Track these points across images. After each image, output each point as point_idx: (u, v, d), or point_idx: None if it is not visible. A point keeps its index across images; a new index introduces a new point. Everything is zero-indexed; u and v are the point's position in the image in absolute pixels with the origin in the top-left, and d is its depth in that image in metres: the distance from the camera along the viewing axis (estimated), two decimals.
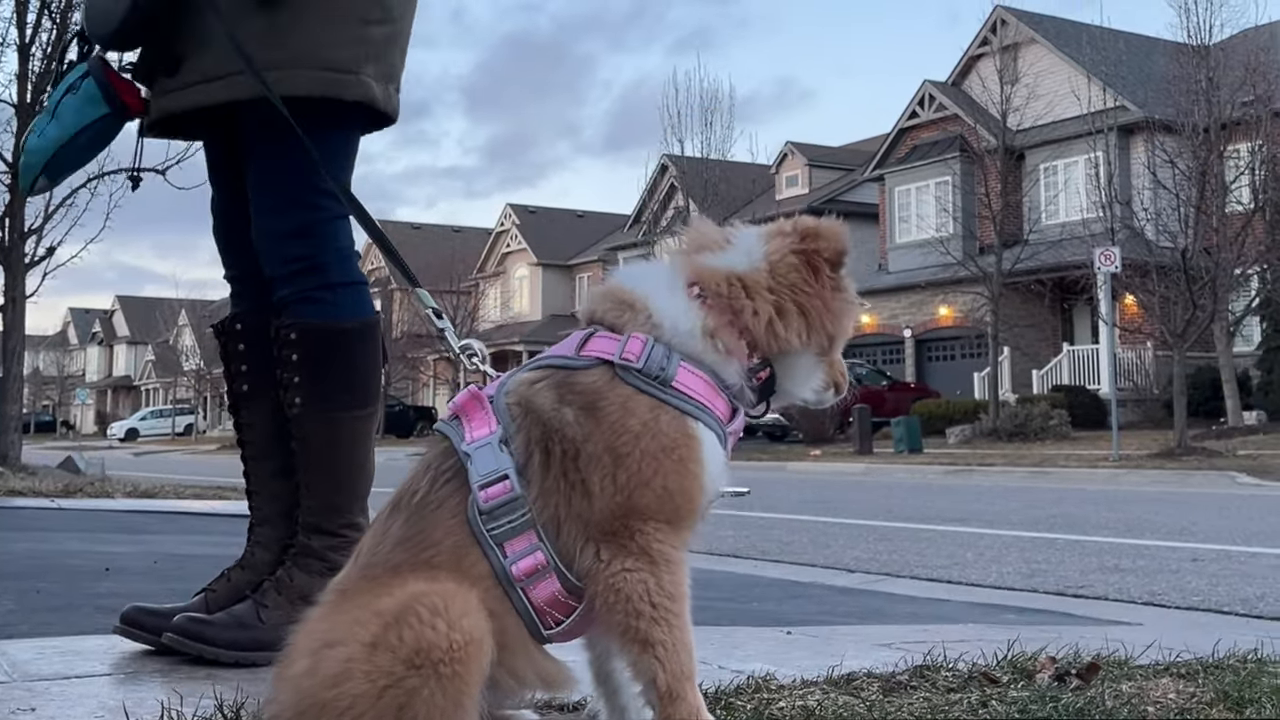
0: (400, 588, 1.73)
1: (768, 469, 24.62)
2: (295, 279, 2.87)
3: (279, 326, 2.88)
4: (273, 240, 2.86)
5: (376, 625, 1.68)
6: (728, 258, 1.96)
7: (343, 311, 2.89)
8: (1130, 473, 19.52)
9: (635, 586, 1.77)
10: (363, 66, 2.82)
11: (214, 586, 2.93)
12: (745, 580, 5.99)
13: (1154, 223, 27.71)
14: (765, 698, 2.32)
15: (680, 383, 1.84)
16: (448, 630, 1.67)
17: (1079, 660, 2.69)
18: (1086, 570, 6.78)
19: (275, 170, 2.80)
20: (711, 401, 1.86)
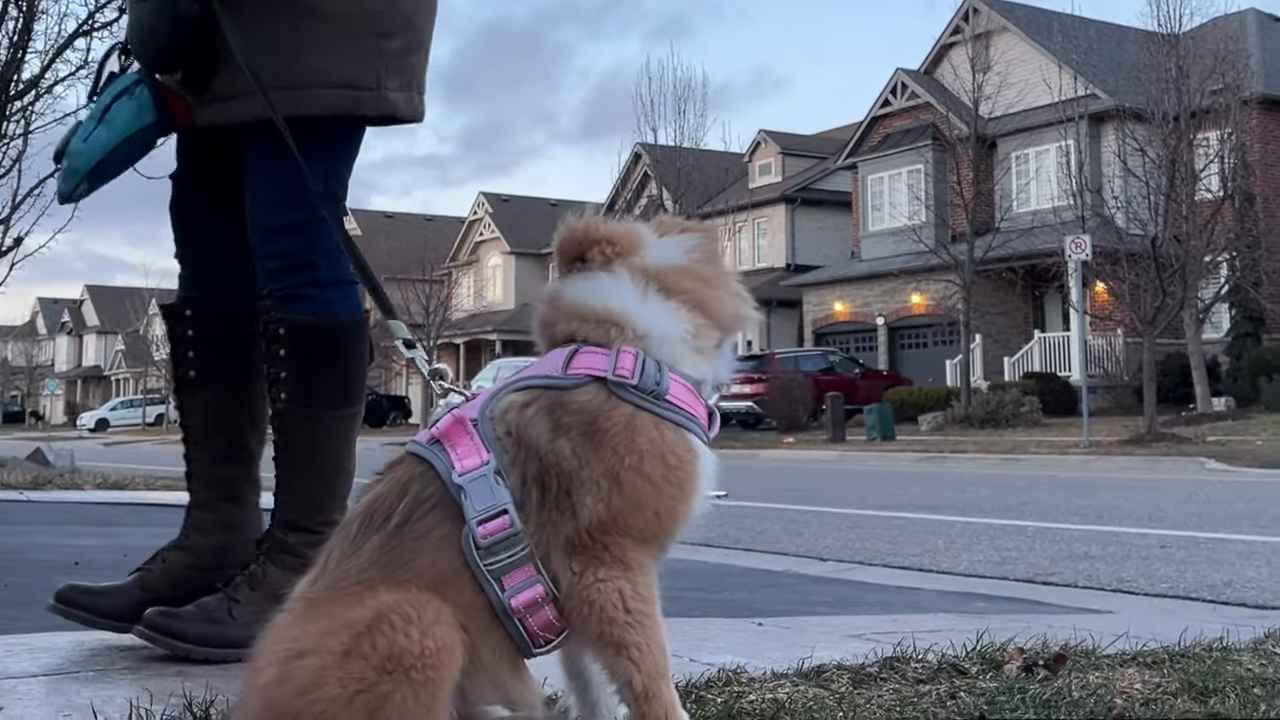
0: (372, 598, 1.73)
1: (741, 457, 24.66)
2: (285, 274, 2.89)
3: (268, 321, 2.90)
4: (265, 235, 2.88)
5: (348, 635, 1.69)
6: (661, 255, 1.95)
7: (333, 309, 2.91)
8: (1100, 459, 19.66)
9: (610, 595, 1.77)
10: (384, 81, 2.87)
11: (150, 566, 2.95)
12: (717, 570, 6.00)
13: (1124, 210, 27.89)
14: (736, 691, 2.33)
15: (673, 396, 1.83)
16: (420, 637, 1.68)
17: (1047, 651, 2.71)
18: (1056, 557, 6.82)
19: (274, 167, 2.82)
20: (696, 410, 1.85)
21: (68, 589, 2.87)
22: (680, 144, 39.92)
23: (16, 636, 2.90)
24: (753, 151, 49.89)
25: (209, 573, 2.90)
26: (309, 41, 2.82)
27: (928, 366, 37.40)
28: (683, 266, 1.94)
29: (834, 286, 41.43)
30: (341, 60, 2.82)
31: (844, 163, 42.84)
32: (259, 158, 2.83)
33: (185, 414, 3.03)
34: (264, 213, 2.88)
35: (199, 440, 3.01)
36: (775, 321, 44.90)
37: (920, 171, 37.71)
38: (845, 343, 41.13)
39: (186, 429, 3.02)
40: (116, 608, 2.84)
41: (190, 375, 3.00)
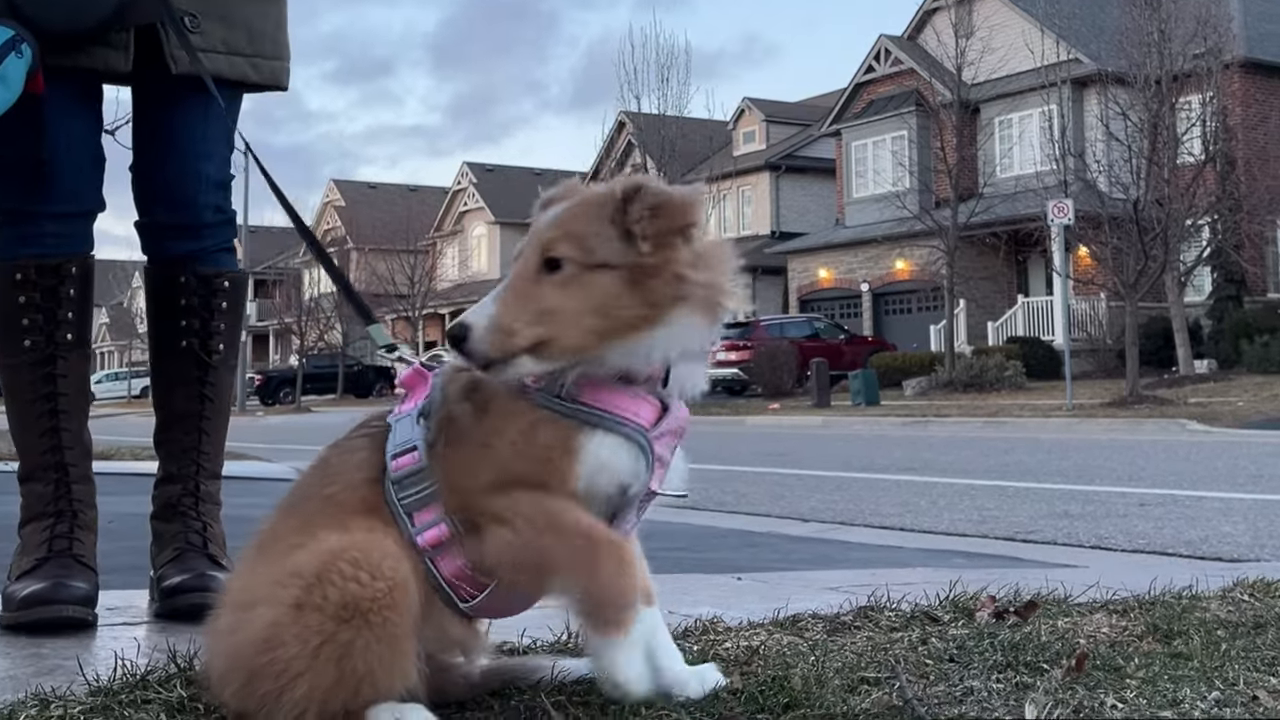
0: (315, 542, 1.76)
1: (726, 423, 24.74)
2: (220, 229, 2.98)
3: (207, 275, 2.93)
4: (205, 187, 2.90)
5: (298, 587, 1.70)
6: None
7: (239, 264, 3.04)
8: (1083, 421, 19.77)
9: (521, 526, 1.80)
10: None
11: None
12: (702, 531, 6.06)
13: (1107, 175, 27.94)
14: (712, 639, 2.37)
15: (587, 396, 1.82)
16: (371, 580, 1.70)
17: (1018, 599, 2.76)
18: (1036, 516, 6.89)
19: (219, 124, 2.85)
20: (621, 407, 1.82)
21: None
22: (664, 112, 39.79)
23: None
24: (737, 119, 49.79)
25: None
26: (280, 19, 2.99)
27: (912, 332, 37.48)
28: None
29: (818, 253, 41.44)
30: (287, 37, 3.03)
31: (828, 130, 42.79)
32: (208, 112, 2.83)
33: (57, 381, 2.82)
34: (207, 164, 2.91)
35: (71, 409, 2.84)
36: (760, 289, 44.93)
37: (904, 138, 37.69)
38: (830, 309, 41.18)
39: (59, 397, 2.81)
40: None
41: (68, 338, 2.84)
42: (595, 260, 1.77)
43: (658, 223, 1.78)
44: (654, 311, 1.78)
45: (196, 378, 2.92)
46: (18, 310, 2.77)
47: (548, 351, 1.76)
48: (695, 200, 1.84)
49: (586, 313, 1.76)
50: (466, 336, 1.75)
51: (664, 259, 1.78)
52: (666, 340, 1.81)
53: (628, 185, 1.82)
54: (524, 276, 1.78)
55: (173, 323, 2.93)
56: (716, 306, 1.85)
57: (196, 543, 2.83)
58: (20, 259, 2.78)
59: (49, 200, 2.78)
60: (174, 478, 2.93)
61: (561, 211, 1.83)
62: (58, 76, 2.70)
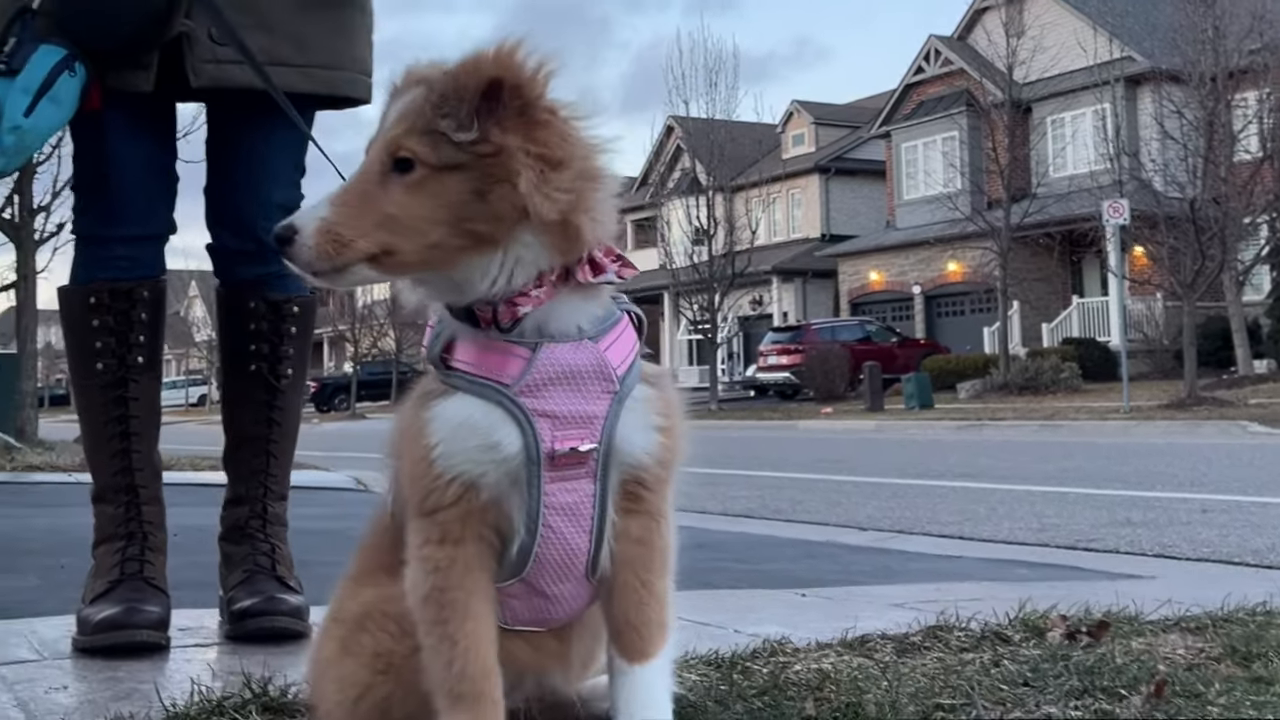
0: (360, 591, 1.76)
1: (778, 427, 24.68)
2: None
3: (276, 300, 2.94)
4: (269, 213, 2.90)
5: (343, 630, 1.72)
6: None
7: (308, 288, 2.99)
8: (1141, 424, 19.54)
9: (406, 585, 1.68)
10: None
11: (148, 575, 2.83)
12: (759, 541, 6.04)
13: (1162, 174, 27.61)
14: (781, 661, 2.36)
15: (456, 358, 1.65)
16: (401, 634, 1.68)
17: (1089, 618, 2.73)
18: (1098, 524, 6.81)
19: (285, 144, 2.84)
20: (478, 361, 1.62)
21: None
22: (712, 116, 39.74)
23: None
24: (785, 122, 49.65)
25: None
26: (354, 31, 2.92)
27: (965, 334, 37.22)
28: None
29: (869, 256, 41.25)
30: (368, 49, 2.97)
31: (878, 131, 42.58)
32: (272, 133, 2.82)
33: (128, 404, 2.85)
34: (274, 189, 2.91)
35: (142, 431, 2.87)
36: (811, 291, 44.81)
37: (955, 139, 37.44)
38: (881, 312, 40.98)
39: (130, 419, 2.84)
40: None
41: (139, 361, 2.86)
42: (446, 160, 1.54)
43: (466, 97, 1.54)
44: (495, 227, 1.55)
45: (265, 401, 2.95)
46: (91, 333, 2.81)
47: (390, 263, 1.55)
48: (509, 56, 1.55)
49: (436, 223, 1.54)
50: (292, 240, 1.55)
51: (495, 150, 1.53)
52: (508, 267, 1.58)
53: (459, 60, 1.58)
54: (369, 177, 1.57)
55: (242, 346, 2.95)
56: (572, 231, 1.58)
57: (265, 565, 2.85)
58: (94, 282, 2.82)
59: (120, 224, 2.81)
60: (242, 499, 2.96)
61: (412, 101, 1.59)
62: (119, 100, 2.73)
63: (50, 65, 2.58)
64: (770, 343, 36.64)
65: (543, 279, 1.60)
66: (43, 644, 2.70)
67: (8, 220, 15.38)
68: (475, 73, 1.54)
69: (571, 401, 1.62)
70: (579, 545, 1.66)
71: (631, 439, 1.65)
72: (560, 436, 1.61)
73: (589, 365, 1.63)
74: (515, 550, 1.65)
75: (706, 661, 2.37)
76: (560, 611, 1.73)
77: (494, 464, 1.60)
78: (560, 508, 1.64)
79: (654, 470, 1.68)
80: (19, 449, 12.81)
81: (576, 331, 1.63)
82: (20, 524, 6.53)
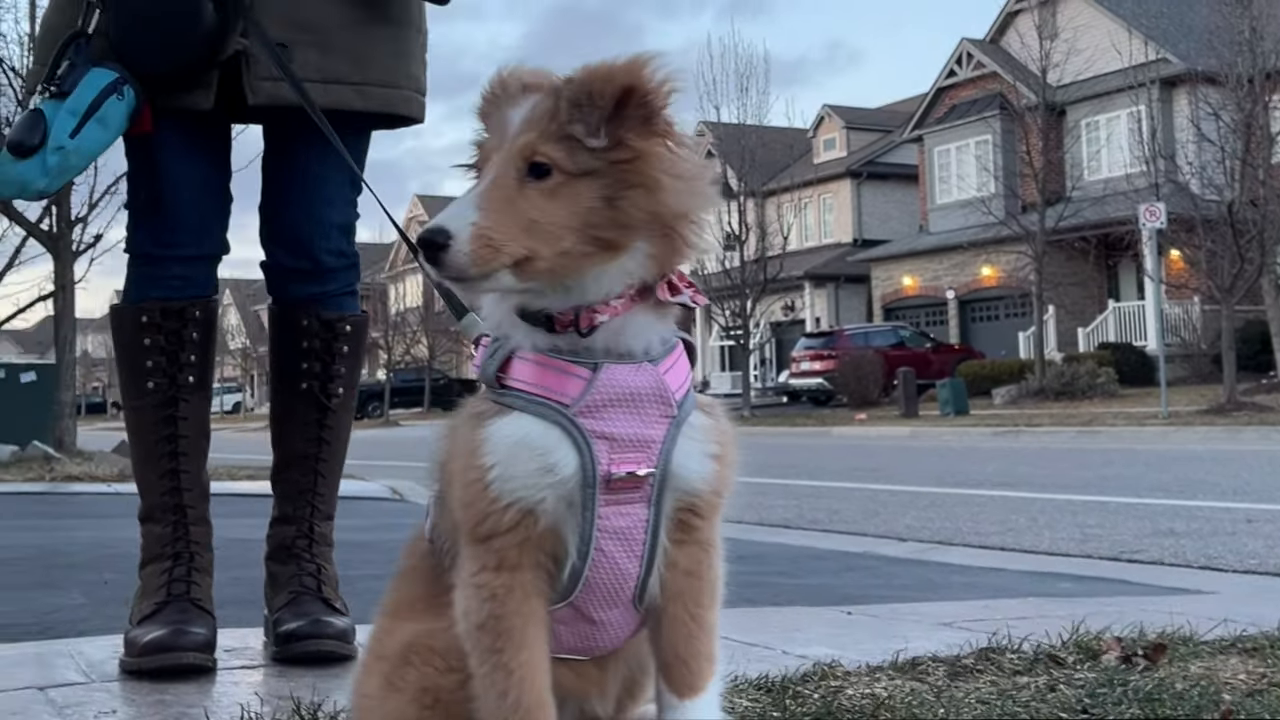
0: (401, 625, 1.74)
1: (812, 434, 24.61)
2: (343, 274, 3.00)
3: (329, 319, 2.94)
4: (326, 232, 2.91)
5: (386, 666, 1.70)
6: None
7: (359, 308, 3.04)
8: (1180, 430, 19.37)
9: (457, 612, 1.65)
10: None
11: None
12: (798, 552, 6.01)
13: (1199, 176, 27.33)
14: (832, 686, 2.33)
15: (511, 376, 1.62)
16: (446, 669, 1.66)
17: (1144, 639, 2.69)
18: (1141, 534, 6.74)
19: (342, 166, 2.84)
20: (537, 380, 1.60)
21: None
22: (743, 121, 39.69)
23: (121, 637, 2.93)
24: (817, 127, 49.55)
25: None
26: (410, 49, 2.93)
27: (1000, 339, 37.02)
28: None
29: (902, 260, 41.09)
30: (422, 67, 2.97)
31: (910, 135, 42.43)
32: (329, 152, 2.76)
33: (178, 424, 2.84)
34: (331, 208, 2.92)
35: (190, 451, 2.88)
36: (843, 297, 44.69)
37: (988, 142, 37.25)
38: (915, 317, 40.82)
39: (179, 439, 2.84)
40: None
41: (189, 381, 2.86)
42: (582, 167, 1.54)
43: (600, 104, 1.54)
44: (620, 235, 1.54)
45: (315, 420, 2.95)
46: (143, 352, 2.82)
47: (529, 269, 1.53)
48: (641, 67, 1.55)
49: (570, 229, 1.52)
50: (447, 246, 1.50)
51: (632, 156, 1.54)
52: (621, 276, 1.57)
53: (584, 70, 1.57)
54: (506, 181, 1.54)
55: (294, 364, 2.95)
56: (678, 245, 1.58)
57: (311, 586, 2.85)
58: (146, 301, 2.82)
59: (175, 243, 2.82)
60: (289, 519, 2.95)
61: (539, 107, 1.58)
62: (176, 120, 2.74)
63: (99, 88, 2.59)
64: (803, 348, 36.53)
65: (623, 291, 1.59)
66: (90, 665, 2.70)
67: (46, 231, 15.50)
68: (609, 80, 1.54)
69: (630, 424, 1.59)
70: (629, 570, 1.64)
71: (688, 465, 1.62)
72: (617, 460, 1.58)
73: (649, 388, 1.61)
74: (566, 573, 1.63)
75: (756, 685, 2.34)
76: (606, 639, 1.71)
77: (550, 487, 1.57)
78: (613, 532, 1.61)
79: (708, 498, 1.66)
80: (58, 459, 12.91)
81: (647, 348, 1.62)
82: (62, 537, 6.58)
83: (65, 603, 4.18)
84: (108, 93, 2.60)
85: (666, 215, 1.55)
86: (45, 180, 2.59)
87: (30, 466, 12.24)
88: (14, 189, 2.64)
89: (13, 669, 2.67)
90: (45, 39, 2.82)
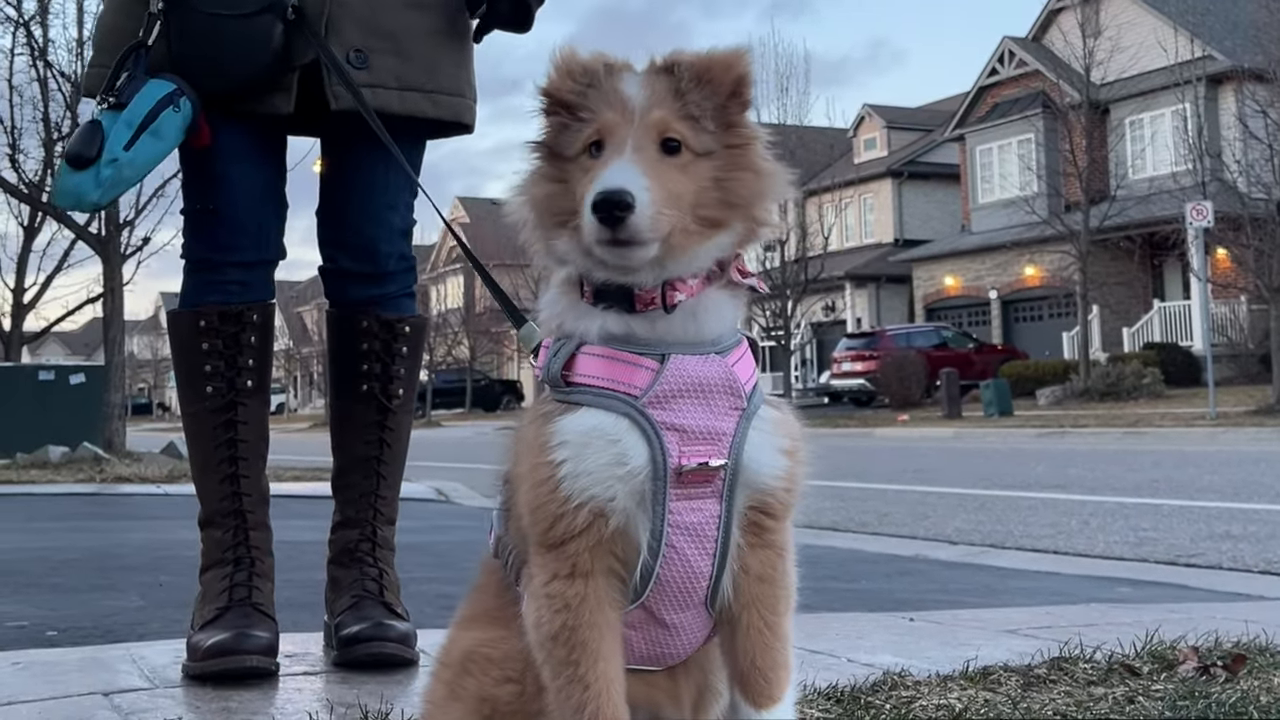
0: (464, 634, 1.73)
1: (855, 435, 24.47)
2: (403, 276, 3.01)
3: (389, 320, 2.94)
4: (389, 236, 2.92)
5: (449, 674, 1.69)
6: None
7: (416, 309, 3.05)
8: (1228, 431, 19.14)
9: (525, 616, 1.63)
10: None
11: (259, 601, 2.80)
12: (849, 556, 5.97)
13: (1246, 174, 27.03)
14: (904, 696, 2.29)
15: (577, 372, 1.60)
16: (504, 680, 1.64)
17: (1220, 648, 2.64)
18: (1196, 537, 6.65)
19: (401, 173, 2.83)
20: (604, 373, 1.58)
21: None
22: (784, 121, 39.58)
23: (182, 641, 2.93)
24: (857, 126, 49.33)
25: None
26: (461, 56, 2.94)
27: (1044, 339, 36.74)
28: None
29: (944, 260, 40.84)
30: (472, 77, 3.00)
31: (951, 134, 42.17)
32: (390, 158, 2.75)
33: (237, 428, 2.85)
34: (392, 214, 2.94)
35: (250, 456, 2.87)
36: (884, 297, 44.45)
37: (1031, 141, 36.98)
38: (957, 317, 40.56)
39: (239, 444, 2.84)
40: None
41: (248, 385, 2.87)
42: (704, 147, 1.57)
43: (720, 91, 1.60)
44: (724, 214, 1.58)
45: (376, 422, 2.94)
46: (201, 357, 2.81)
47: (668, 242, 1.53)
48: (748, 57, 1.63)
49: (691, 206, 1.55)
50: (632, 208, 1.48)
51: (743, 141, 1.61)
52: (708, 255, 1.59)
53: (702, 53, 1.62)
54: (649, 154, 1.54)
55: (354, 367, 2.95)
56: (758, 229, 1.63)
57: (373, 590, 2.84)
58: (204, 306, 2.82)
59: (233, 249, 2.82)
60: (352, 522, 2.94)
61: (668, 86, 1.59)
62: (235, 126, 2.74)
63: (155, 99, 2.60)
64: (845, 349, 36.36)
65: (700, 270, 1.60)
66: (152, 671, 2.70)
67: (95, 235, 15.64)
68: (728, 68, 1.60)
69: (700, 416, 1.57)
70: (701, 568, 1.60)
71: (760, 459, 1.59)
72: (688, 452, 1.56)
73: (718, 379, 1.58)
74: (638, 572, 1.59)
75: (826, 695, 2.31)
76: (679, 645, 1.67)
77: (621, 480, 1.54)
78: (684, 527, 1.58)
79: (780, 495, 1.63)
80: (108, 460, 13.01)
81: (719, 333, 1.61)
82: (115, 539, 6.62)
83: (123, 605, 4.19)
84: (164, 105, 2.61)
85: (763, 200, 1.61)
86: (99, 192, 2.60)
87: (80, 468, 12.34)
88: (69, 200, 2.65)
89: (76, 674, 2.67)
90: (104, 42, 2.82)
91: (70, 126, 15.51)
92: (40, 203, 16.16)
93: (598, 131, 1.58)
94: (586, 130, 1.59)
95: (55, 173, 2.58)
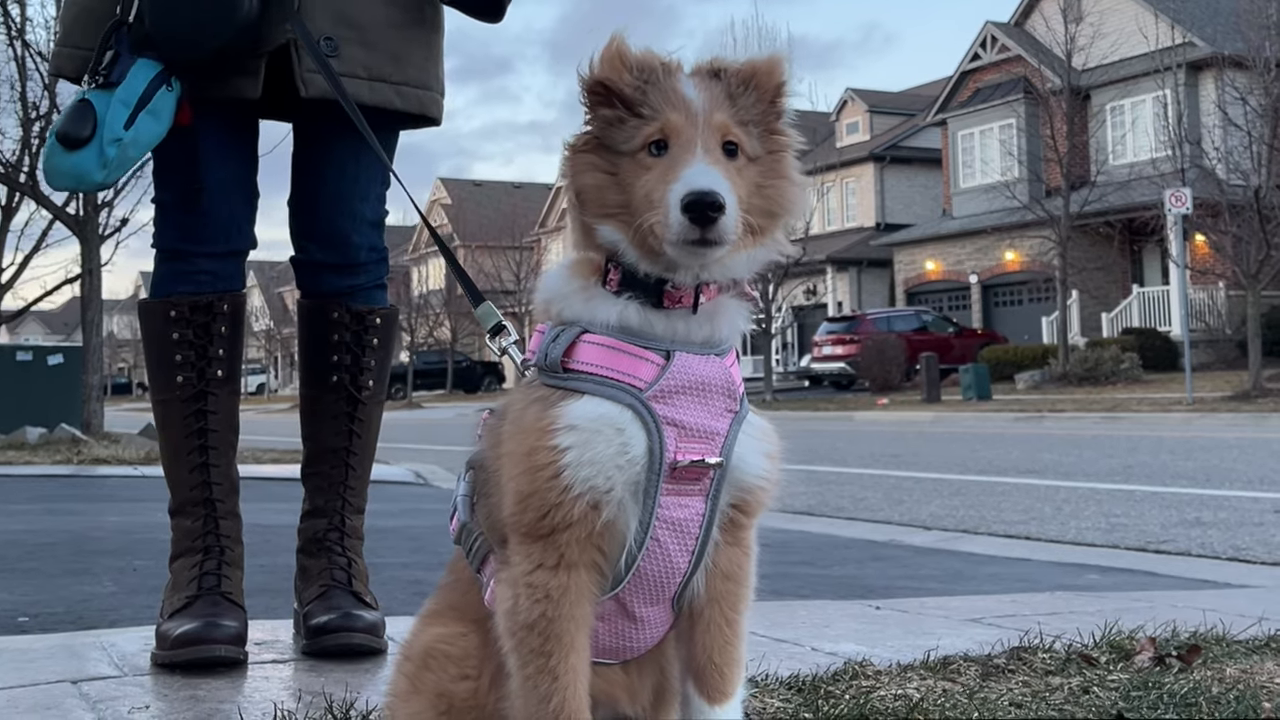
0: (427, 629, 1.74)
1: (835, 419, 24.55)
2: (374, 267, 3.02)
3: (360, 311, 2.95)
4: (358, 226, 2.92)
5: (411, 667, 1.71)
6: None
7: (388, 302, 3.05)
8: (1204, 416, 19.27)
9: (498, 604, 1.63)
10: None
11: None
12: (823, 541, 6.00)
13: (1225, 161, 27.15)
14: (864, 686, 2.32)
15: (577, 360, 1.60)
16: (460, 677, 1.67)
17: (1177, 638, 2.67)
18: (1167, 524, 6.71)
19: (376, 162, 2.84)
20: (609, 364, 1.59)
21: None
22: None
23: (153, 628, 2.94)
24: (839, 110, 49.35)
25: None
26: (431, 49, 2.94)
27: (1023, 324, 36.88)
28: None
29: (925, 245, 40.93)
30: (441, 70, 2.99)
31: (933, 119, 42.22)
32: (361, 149, 2.79)
33: (207, 418, 2.85)
34: (363, 205, 2.94)
35: (219, 446, 2.87)
36: (866, 281, 44.53)
37: (1012, 126, 37.07)
38: (938, 301, 40.68)
39: (208, 433, 2.85)
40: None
41: (218, 375, 2.87)
42: (754, 152, 1.60)
43: (765, 97, 1.62)
44: (765, 222, 1.60)
45: (346, 413, 2.95)
46: (171, 347, 2.82)
47: (733, 245, 1.56)
48: (784, 64, 1.65)
49: (746, 211, 1.57)
50: (724, 207, 1.51)
51: (783, 149, 1.63)
52: (748, 263, 1.62)
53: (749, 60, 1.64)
54: (718, 157, 1.56)
55: (325, 357, 2.96)
56: (776, 239, 1.64)
57: (341, 579, 2.85)
58: (175, 296, 2.82)
59: (206, 240, 2.82)
60: (320, 511, 2.96)
61: (723, 91, 1.62)
62: (206, 117, 2.73)
63: (149, 78, 2.59)
64: (825, 333, 36.45)
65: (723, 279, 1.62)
66: (122, 658, 2.71)
67: (72, 215, 15.55)
68: (771, 74, 1.63)
69: (698, 414, 1.59)
70: (679, 564, 1.63)
71: (748, 460, 1.62)
72: (683, 448, 1.58)
73: (718, 380, 1.61)
74: (622, 563, 1.61)
75: (787, 685, 2.34)
76: (642, 638, 1.69)
77: (620, 470, 1.55)
78: (670, 523, 1.60)
79: (759, 497, 1.66)
80: (86, 442, 12.97)
81: (728, 337, 1.64)
82: (90, 521, 6.61)
83: (96, 590, 4.20)
84: (158, 83, 2.61)
85: (795, 211, 1.63)
86: (104, 173, 2.59)
87: (58, 449, 12.29)
88: (69, 180, 2.64)
89: (45, 661, 2.68)
90: (76, 21, 2.78)
91: (48, 106, 15.38)
92: (18, 183, 16.02)
93: (660, 130, 1.57)
94: (647, 128, 1.58)
95: (43, 153, 2.55)
